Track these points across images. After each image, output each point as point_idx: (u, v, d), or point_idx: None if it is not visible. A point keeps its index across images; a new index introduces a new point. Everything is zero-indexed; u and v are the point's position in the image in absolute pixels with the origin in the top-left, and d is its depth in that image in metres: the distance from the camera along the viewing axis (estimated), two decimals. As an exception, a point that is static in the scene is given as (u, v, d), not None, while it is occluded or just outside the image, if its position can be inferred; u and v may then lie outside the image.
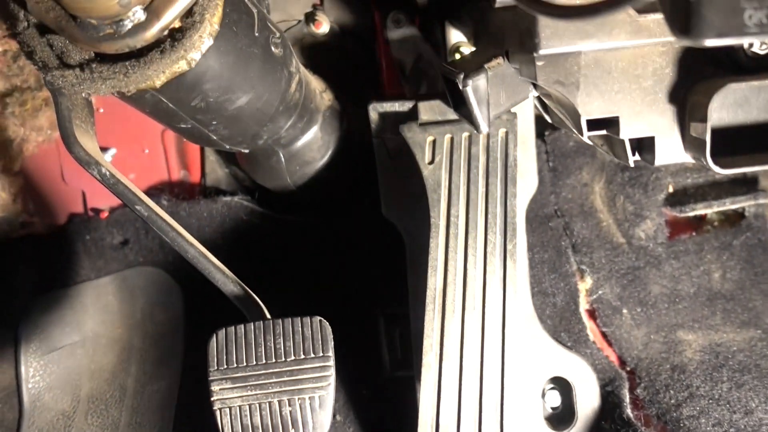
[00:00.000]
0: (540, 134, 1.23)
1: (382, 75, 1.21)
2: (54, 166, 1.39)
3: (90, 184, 1.39)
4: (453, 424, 0.86)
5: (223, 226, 1.32)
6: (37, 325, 1.36)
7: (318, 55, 1.31)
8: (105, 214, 1.39)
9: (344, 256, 1.30)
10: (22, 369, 1.33)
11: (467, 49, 1.20)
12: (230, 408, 0.87)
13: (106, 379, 1.34)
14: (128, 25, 0.69)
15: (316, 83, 1.15)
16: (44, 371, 1.35)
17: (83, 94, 0.85)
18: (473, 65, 0.78)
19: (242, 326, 0.90)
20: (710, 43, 0.46)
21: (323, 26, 1.27)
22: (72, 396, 1.33)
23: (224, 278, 0.95)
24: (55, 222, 1.41)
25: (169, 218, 0.96)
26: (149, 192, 1.37)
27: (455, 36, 1.20)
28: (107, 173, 0.93)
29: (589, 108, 0.70)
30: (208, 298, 1.30)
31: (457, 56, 1.20)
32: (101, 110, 1.36)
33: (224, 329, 0.90)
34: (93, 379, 1.35)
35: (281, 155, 1.14)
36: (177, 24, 0.72)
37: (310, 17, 1.28)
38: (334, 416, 1.22)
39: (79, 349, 1.36)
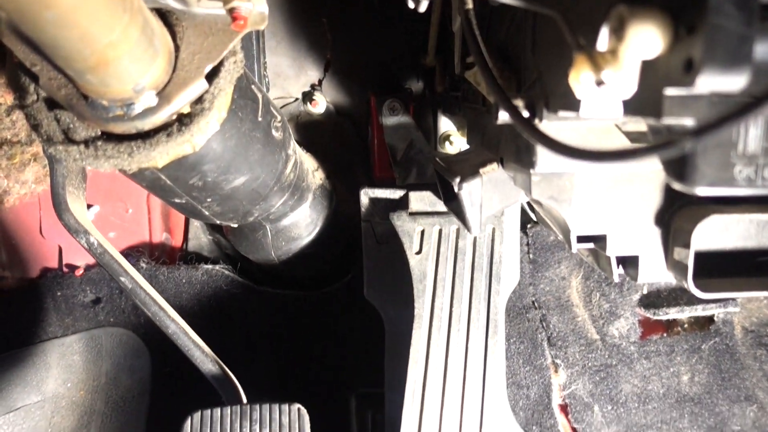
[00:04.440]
0: (522, 226, 1.26)
1: (374, 157, 1.24)
2: (33, 219, 1.37)
3: (67, 239, 1.37)
4: None
5: (201, 294, 1.31)
6: (-4, 383, 1.31)
7: (312, 133, 1.34)
8: (80, 271, 1.37)
9: (321, 332, 1.30)
10: (-24, 429, 1.28)
11: (457, 138, 1.25)
12: (200, 494, 0.85)
13: (63, 443, 1.29)
14: (139, 108, 0.69)
15: (309, 162, 1.17)
16: (-2, 433, 1.29)
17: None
18: (468, 168, 0.81)
19: (218, 410, 0.88)
20: (701, 191, 0.49)
21: (320, 106, 1.31)
22: (25, 460, 1.28)
23: (203, 357, 0.93)
24: (27, 275, 1.38)
25: (153, 291, 0.95)
26: (128, 252, 1.36)
27: (446, 125, 1.24)
28: (95, 242, 0.92)
29: (579, 224, 0.73)
30: (177, 364, 1.28)
31: (447, 145, 1.24)
32: (89, 168, 1.35)
33: (200, 412, 0.88)
34: (50, 442, 1.29)
35: (268, 230, 1.15)
36: (186, 109, 0.72)
37: (307, 96, 1.31)
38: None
39: (38, 410, 1.31)
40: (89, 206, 1.37)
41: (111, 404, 1.31)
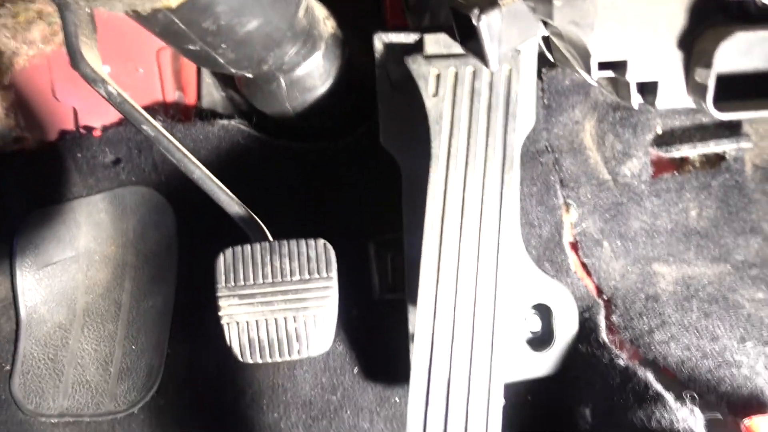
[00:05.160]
0: (537, 72, 1.25)
1: (386, 4, 1.20)
2: (45, 81, 1.37)
3: (81, 101, 1.38)
4: (447, 342, 0.92)
5: (219, 149, 1.33)
6: (31, 240, 1.38)
7: None
8: (98, 132, 1.38)
9: (339, 183, 1.33)
10: (18, 282, 1.36)
11: (470, -20, 1.20)
12: (237, 322, 0.91)
13: (101, 294, 1.38)
14: (148, -57, 0.67)
15: (320, 9, 1.14)
16: (39, 285, 1.37)
17: (89, 10, 0.84)
18: (486, 1, 0.79)
19: (248, 246, 0.93)
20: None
21: (326, -50, 1.25)
22: (68, 309, 1.37)
23: (229, 200, 0.97)
24: (46, 138, 1.40)
25: (174, 140, 0.97)
26: (143, 111, 1.36)
27: (459, -34, 1.19)
28: (114, 92, 0.93)
29: (601, 50, 0.72)
30: (200, 218, 1.33)
31: (460, -12, 1.20)
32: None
33: (231, 248, 0.93)
34: (88, 293, 1.38)
35: (282, 81, 1.15)
36: None
37: (313, -61, 1.24)
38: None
39: (73, 264, 1.38)
40: (99, 66, 1.36)
41: (141, 257, 1.38)
